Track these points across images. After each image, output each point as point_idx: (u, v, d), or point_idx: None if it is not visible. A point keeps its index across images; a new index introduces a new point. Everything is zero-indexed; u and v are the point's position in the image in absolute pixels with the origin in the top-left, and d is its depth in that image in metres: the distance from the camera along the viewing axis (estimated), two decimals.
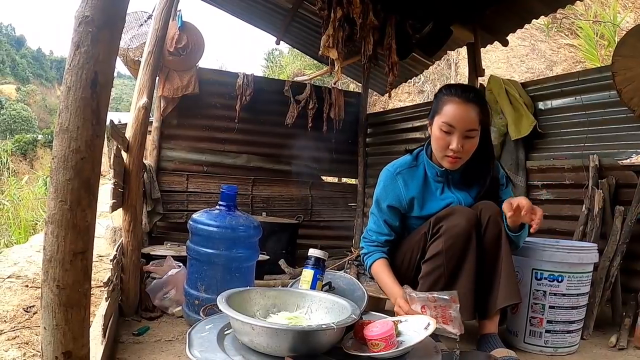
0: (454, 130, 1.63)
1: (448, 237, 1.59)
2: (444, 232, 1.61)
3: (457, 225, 1.59)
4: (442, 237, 1.60)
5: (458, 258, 1.60)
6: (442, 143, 1.65)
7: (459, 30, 3.37)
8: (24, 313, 2.30)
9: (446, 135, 1.64)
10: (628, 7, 6.83)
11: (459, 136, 1.62)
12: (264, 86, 3.90)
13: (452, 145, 1.63)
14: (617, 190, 2.35)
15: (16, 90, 40.27)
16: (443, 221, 1.63)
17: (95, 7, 1.07)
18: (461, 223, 1.59)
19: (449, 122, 1.62)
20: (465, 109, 1.62)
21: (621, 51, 2.32)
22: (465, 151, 1.65)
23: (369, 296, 1.61)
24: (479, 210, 1.66)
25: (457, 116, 1.62)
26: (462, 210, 1.65)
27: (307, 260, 1.59)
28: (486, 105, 1.72)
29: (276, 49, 13.33)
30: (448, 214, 1.64)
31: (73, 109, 1.05)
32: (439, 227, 1.63)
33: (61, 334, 1.06)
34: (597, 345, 1.91)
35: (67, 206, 1.05)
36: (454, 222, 1.61)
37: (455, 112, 1.62)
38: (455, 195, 1.76)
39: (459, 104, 1.63)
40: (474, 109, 1.63)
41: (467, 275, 1.60)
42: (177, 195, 3.65)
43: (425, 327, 1.28)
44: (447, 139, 1.64)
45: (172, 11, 2.63)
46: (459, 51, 5.99)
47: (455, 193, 1.76)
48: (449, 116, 1.63)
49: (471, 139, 1.65)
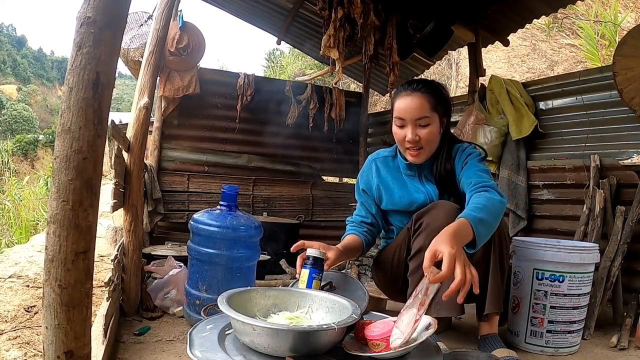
0: (405, 122, 1.67)
1: (429, 232, 1.57)
2: (424, 227, 1.60)
3: (437, 219, 1.58)
4: (423, 232, 1.60)
5: None
6: (399, 137, 1.70)
7: (460, 30, 3.37)
8: (25, 313, 2.30)
9: (400, 130, 1.69)
10: (629, 7, 6.83)
11: (411, 127, 1.66)
12: (265, 86, 3.90)
13: (407, 137, 1.67)
14: (618, 190, 2.35)
15: (17, 90, 40.34)
16: (424, 217, 1.63)
17: (97, 8, 1.07)
18: (441, 217, 1.57)
19: (399, 115, 1.68)
20: (412, 99, 1.66)
21: (622, 51, 2.32)
22: (424, 141, 1.67)
23: (369, 296, 1.61)
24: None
25: (405, 107, 1.66)
26: (442, 204, 1.65)
27: (306, 260, 1.60)
28: (440, 93, 1.71)
29: (277, 49, 13.37)
30: (429, 209, 1.65)
31: (75, 110, 1.06)
32: (420, 223, 1.63)
33: (63, 333, 1.06)
34: (598, 346, 1.90)
35: (69, 206, 1.05)
36: (434, 216, 1.60)
37: (402, 104, 1.67)
38: (426, 188, 1.76)
39: (405, 96, 1.67)
40: (420, 97, 1.66)
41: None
42: (178, 195, 3.66)
43: (426, 327, 1.28)
44: (402, 132, 1.68)
45: (173, 11, 2.64)
46: (459, 51, 5.99)
47: (427, 186, 1.77)
48: (398, 109, 1.68)
49: (425, 127, 1.66)
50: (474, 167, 1.65)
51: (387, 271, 1.83)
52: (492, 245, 1.59)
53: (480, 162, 1.69)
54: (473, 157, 1.70)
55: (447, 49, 3.68)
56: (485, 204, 1.43)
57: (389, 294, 1.96)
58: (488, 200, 1.46)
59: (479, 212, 1.39)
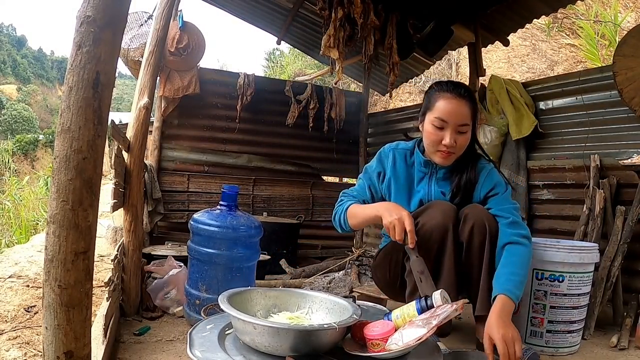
0: (446, 125, 1.62)
1: (424, 231, 1.58)
2: (420, 226, 1.59)
3: (433, 218, 1.59)
4: (419, 232, 1.59)
5: (437, 251, 1.59)
6: (435, 138, 1.64)
7: (460, 30, 3.37)
8: (25, 313, 2.30)
9: (439, 131, 1.63)
10: (629, 7, 6.83)
11: (451, 131, 1.61)
12: (265, 86, 3.90)
13: (445, 141, 1.61)
14: (618, 190, 2.35)
15: (17, 90, 40.29)
16: (420, 216, 1.63)
17: (97, 7, 1.07)
18: (437, 216, 1.59)
19: (442, 117, 1.61)
20: (458, 104, 1.62)
21: (622, 51, 2.32)
22: (459, 146, 1.64)
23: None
24: (463, 214, 1.64)
25: (450, 111, 1.61)
26: (439, 204, 1.65)
27: (423, 299, 1.40)
28: (476, 103, 1.71)
29: (277, 49, 13.34)
30: (425, 209, 1.65)
31: (75, 109, 1.06)
32: (416, 223, 1.61)
33: (63, 333, 1.06)
34: (598, 346, 1.90)
35: (69, 206, 1.05)
36: (429, 215, 1.60)
37: (447, 107, 1.61)
38: (430, 188, 1.75)
39: (451, 99, 1.62)
40: (465, 104, 1.63)
41: (448, 269, 1.59)
42: (178, 195, 3.66)
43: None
44: (440, 134, 1.63)
45: (173, 11, 2.64)
46: (460, 51, 6.00)
47: (433, 186, 1.75)
48: (442, 111, 1.62)
49: (464, 134, 1.64)
50: (508, 203, 1.67)
51: (386, 271, 1.83)
52: (484, 250, 1.60)
53: (511, 196, 1.72)
54: (504, 189, 1.71)
55: (447, 49, 3.68)
56: (522, 261, 1.55)
57: (389, 293, 1.96)
58: (523, 256, 1.56)
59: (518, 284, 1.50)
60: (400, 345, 1.20)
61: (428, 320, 1.24)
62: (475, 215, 1.62)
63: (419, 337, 1.19)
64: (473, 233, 1.60)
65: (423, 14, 3.28)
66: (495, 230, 1.61)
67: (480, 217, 1.61)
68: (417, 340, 1.18)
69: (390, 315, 1.40)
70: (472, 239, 1.60)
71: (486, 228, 1.60)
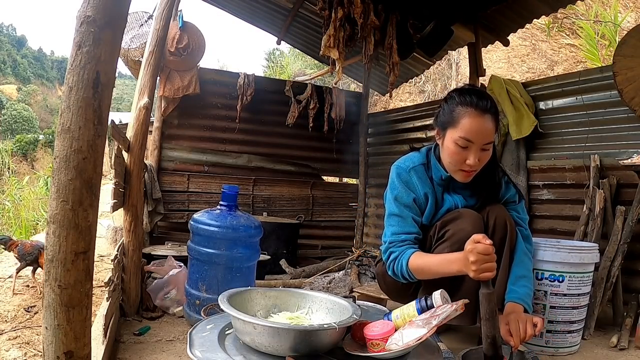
0: (472, 145, 1.52)
1: (453, 242, 1.56)
2: (449, 236, 1.58)
3: (463, 229, 1.56)
4: (447, 241, 1.58)
5: None
6: (458, 158, 1.56)
7: (460, 30, 3.37)
8: (25, 313, 2.30)
9: (462, 150, 1.54)
10: (629, 7, 6.83)
11: (476, 150, 1.53)
12: (265, 86, 3.90)
13: (469, 161, 1.53)
14: (618, 190, 2.35)
15: (17, 90, 40.28)
16: (449, 225, 1.61)
17: (97, 7, 1.07)
18: (467, 228, 1.55)
19: (468, 137, 1.51)
20: (484, 122, 1.51)
21: (622, 51, 2.32)
22: (481, 163, 1.58)
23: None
24: (486, 212, 1.64)
25: (477, 130, 1.51)
26: (468, 214, 1.62)
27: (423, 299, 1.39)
28: (498, 113, 1.61)
29: (277, 49, 13.34)
30: (454, 218, 1.61)
31: (75, 109, 1.06)
32: (445, 231, 1.60)
33: (63, 333, 1.06)
34: (598, 346, 1.90)
35: (69, 206, 1.05)
36: (460, 226, 1.58)
37: (473, 127, 1.51)
38: (454, 198, 1.71)
39: (477, 117, 1.51)
40: (491, 119, 1.53)
41: (470, 279, 1.58)
42: (178, 195, 3.66)
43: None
44: (464, 153, 1.54)
45: (173, 11, 2.64)
46: (460, 51, 6.00)
47: (454, 196, 1.72)
48: (467, 131, 1.51)
49: (487, 151, 1.56)
50: (523, 214, 1.76)
51: None
52: (503, 247, 1.61)
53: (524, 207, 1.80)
54: (519, 199, 1.76)
55: (447, 49, 3.68)
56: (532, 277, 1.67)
57: (398, 299, 1.85)
58: (530, 265, 1.68)
59: (530, 296, 1.61)
60: (401, 345, 1.20)
61: (428, 321, 1.24)
62: (497, 212, 1.64)
63: (419, 337, 1.19)
64: (495, 229, 1.61)
65: (423, 14, 3.28)
66: (514, 230, 1.65)
67: (502, 215, 1.63)
68: (417, 340, 1.18)
69: (390, 315, 1.40)
70: (493, 236, 1.60)
71: (507, 226, 1.62)
